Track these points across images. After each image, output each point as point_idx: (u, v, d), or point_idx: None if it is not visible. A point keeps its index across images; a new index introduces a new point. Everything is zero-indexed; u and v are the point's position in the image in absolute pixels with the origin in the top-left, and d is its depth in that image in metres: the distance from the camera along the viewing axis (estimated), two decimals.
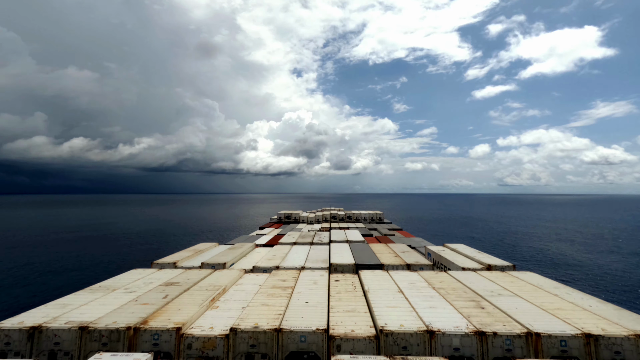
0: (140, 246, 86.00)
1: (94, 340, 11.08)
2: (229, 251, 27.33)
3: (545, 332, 10.93)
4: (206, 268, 21.46)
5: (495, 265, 21.84)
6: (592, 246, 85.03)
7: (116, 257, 71.48)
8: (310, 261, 23.42)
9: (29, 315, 12.34)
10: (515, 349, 10.81)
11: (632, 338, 10.63)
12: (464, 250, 26.92)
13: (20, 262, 65.06)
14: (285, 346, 10.97)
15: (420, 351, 10.84)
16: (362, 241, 33.55)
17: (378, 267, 22.31)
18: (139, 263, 26.30)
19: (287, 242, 32.00)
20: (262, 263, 22.67)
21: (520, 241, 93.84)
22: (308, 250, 27.61)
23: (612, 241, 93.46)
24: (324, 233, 38.68)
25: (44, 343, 11.11)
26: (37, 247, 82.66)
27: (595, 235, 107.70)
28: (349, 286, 16.68)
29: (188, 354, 10.88)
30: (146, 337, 11.24)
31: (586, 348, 10.66)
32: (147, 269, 20.47)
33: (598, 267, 61.85)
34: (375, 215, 63.92)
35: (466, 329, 11.22)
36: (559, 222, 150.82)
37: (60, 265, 63.10)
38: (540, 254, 74.56)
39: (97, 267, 61.83)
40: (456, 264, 22.63)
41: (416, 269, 22.10)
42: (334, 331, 11.21)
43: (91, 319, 11.98)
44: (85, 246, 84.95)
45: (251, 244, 31.19)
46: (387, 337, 10.97)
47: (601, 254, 74.82)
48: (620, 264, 64.33)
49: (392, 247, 28.78)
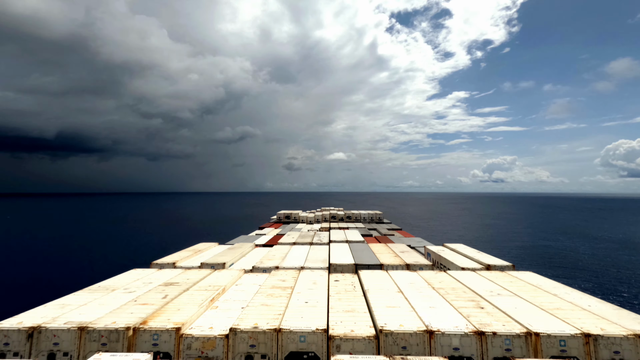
0: (139, 246, 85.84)
1: (93, 341, 11.05)
2: (228, 251, 27.30)
3: (544, 332, 10.94)
4: (206, 268, 21.42)
5: (495, 265, 21.85)
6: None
7: (115, 257, 71.34)
8: (310, 261, 23.41)
9: (28, 316, 12.29)
10: (515, 349, 10.82)
11: (631, 338, 10.64)
12: (463, 250, 26.95)
13: (20, 262, 64.88)
14: (284, 346, 10.96)
15: (420, 351, 10.85)
16: (362, 241, 33.55)
17: (377, 267, 22.31)
18: (138, 263, 26.23)
19: (287, 242, 31.99)
20: (261, 263, 22.66)
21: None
22: (308, 250, 27.61)
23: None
24: (324, 233, 38.68)
25: (43, 343, 11.07)
26: (35, 247, 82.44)
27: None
28: (348, 286, 16.68)
29: (187, 354, 10.86)
30: (145, 338, 11.22)
31: (585, 348, 10.67)
32: (147, 269, 20.43)
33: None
34: (375, 215, 63.95)
35: (466, 329, 11.22)
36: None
37: (60, 265, 62.93)
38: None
39: (96, 267, 61.73)
40: (455, 264, 22.65)
41: (416, 269, 22.11)
42: (334, 331, 11.20)
43: (90, 319, 11.94)
44: (85, 246, 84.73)
45: (251, 244, 31.18)
46: (386, 337, 10.97)
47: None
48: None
49: (391, 247, 28.80)
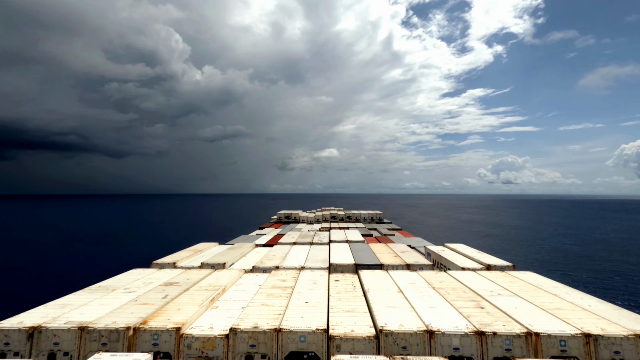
0: (139, 246, 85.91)
1: (93, 341, 11.06)
2: (228, 251, 27.31)
3: (544, 332, 10.93)
4: (206, 268, 21.43)
5: (495, 265, 21.84)
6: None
7: (115, 257, 71.40)
8: (310, 261, 23.41)
9: (28, 316, 12.30)
10: (515, 349, 10.82)
11: (632, 338, 10.64)
12: (463, 250, 26.93)
13: (19, 262, 64.96)
14: (284, 346, 10.96)
15: (420, 351, 10.84)
16: (362, 241, 33.55)
17: (378, 267, 22.31)
18: (139, 263, 26.24)
19: (287, 242, 31.99)
20: (261, 263, 22.66)
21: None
22: (308, 250, 27.61)
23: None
24: (324, 233, 38.68)
25: (44, 343, 11.09)
26: (35, 247, 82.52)
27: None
28: (348, 286, 16.68)
29: (188, 354, 10.87)
30: (146, 337, 11.23)
31: (585, 348, 10.66)
32: (147, 269, 20.44)
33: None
34: (375, 215, 63.97)
35: (466, 329, 11.22)
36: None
37: (59, 265, 63.01)
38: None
39: (97, 267, 61.79)
40: (456, 264, 22.63)
41: (416, 268, 22.11)
42: (334, 331, 11.20)
43: (91, 319, 11.96)
44: (84, 246, 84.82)
45: (251, 244, 31.18)
46: (386, 337, 10.97)
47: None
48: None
49: (391, 247, 28.79)
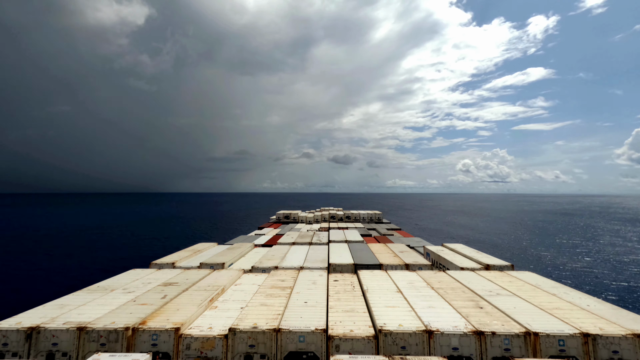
0: (138, 246, 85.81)
1: (92, 341, 11.04)
2: (227, 251, 27.29)
3: (543, 332, 10.97)
4: (205, 268, 21.43)
5: (494, 265, 21.89)
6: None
7: (114, 257, 71.28)
8: (309, 261, 23.42)
9: (26, 316, 12.28)
10: (514, 349, 10.84)
11: (630, 337, 10.67)
12: (462, 250, 26.97)
13: (18, 262, 64.80)
14: (284, 346, 10.97)
15: (419, 351, 10.86)
16: (361, 241, 33.59)
17: (377, 267, 22.34)
18: (138, 263, 26.22)
19: (286, 242, 32.01)
20: (260, 263, 22.65)
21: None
22: (307, 250, 27.62)
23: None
24: (323, 233, 38.70)
25: (42, 344, 11.06)
26: (34, 247, 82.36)
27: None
28: (347, 286, 16.69)
29: (187, 355, 10.86)
30: (145, 338, 11.22)
31: (584, 347, 10.70)
32: (146, 269, 20.42)
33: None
34: (374, 215, 64.00)
35: (465, 329, 11.25)
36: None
37: (58, 265, 62.88)
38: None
39: (95, 267, 61.66)
40: (455, 264, 22.67)
41: (415, 268, 22.14)
42: (333, 331, 11.21)
43: (89, 319, 11.94)
44: (84, 246, 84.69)
45: (250, 244, 31.16)
46: (385, 337, 10.98)
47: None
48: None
49: (390, 247, 28.83)
